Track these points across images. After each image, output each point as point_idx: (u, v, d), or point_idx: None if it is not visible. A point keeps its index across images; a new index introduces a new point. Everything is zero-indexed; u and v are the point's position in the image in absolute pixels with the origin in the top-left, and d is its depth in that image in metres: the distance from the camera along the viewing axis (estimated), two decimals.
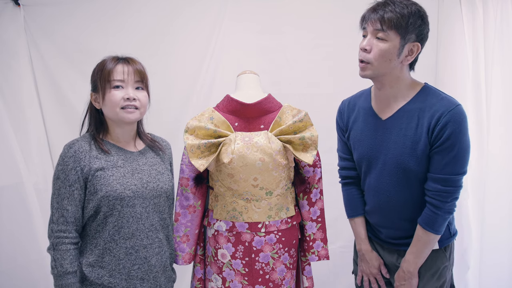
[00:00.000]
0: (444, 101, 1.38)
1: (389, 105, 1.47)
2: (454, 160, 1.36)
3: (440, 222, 1.41)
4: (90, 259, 1.38)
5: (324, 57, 2.40)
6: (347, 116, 1.61)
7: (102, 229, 1.37)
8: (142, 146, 1.52)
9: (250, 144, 1.46)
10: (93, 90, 1.44)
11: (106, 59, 1.42)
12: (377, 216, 1.57)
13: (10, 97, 2.27)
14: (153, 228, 1.44)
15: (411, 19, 1.34)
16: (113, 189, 1.35)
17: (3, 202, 2.23)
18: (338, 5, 2.39)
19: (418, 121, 1.40)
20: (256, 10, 2.39)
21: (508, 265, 2.29)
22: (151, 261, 1.43)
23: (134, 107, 1.40)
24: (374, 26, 1.36)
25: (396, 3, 1.35)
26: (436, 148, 1.37)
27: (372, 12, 1.37)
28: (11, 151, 2.22)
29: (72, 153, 1.36)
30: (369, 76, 1.42)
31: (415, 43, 1.38)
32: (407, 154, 1.41)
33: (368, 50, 1.38)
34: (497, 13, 2.24)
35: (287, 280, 1.59)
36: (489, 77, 2.26)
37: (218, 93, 1.72)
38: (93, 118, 1.46)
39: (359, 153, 1.56)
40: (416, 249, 1.45)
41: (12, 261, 2.26)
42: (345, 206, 1.67)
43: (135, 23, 2.35)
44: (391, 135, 1.45)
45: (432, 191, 1.41)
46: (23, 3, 2.29)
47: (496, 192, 2.26)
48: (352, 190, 1.65)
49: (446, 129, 1.34)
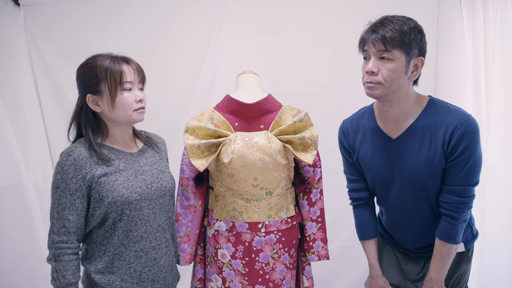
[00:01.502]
0: (455, 114, 1.37)
1: (397, 123, 1.44)
2: (469, 172, 1.36)
3: (458, 231, 1.42)
4: (99, 266, 1.35)
5: (324, 57, 2.40)
6: (352, 137, 1.57)
7: (111, 235, 1.35)
8: (141, 145, 1.50)
9: (250, 144, 1.46)
10: (94, 92, 1.34)
11: (100, 58, 1.34)
12: (402, 232, 1.58)
13: (10, 97, 2.28)
14: (160, 228, 1.43)
15: (413, 35, 1.33)
16: (119, 194, 1.32)
17: (3, 202, 2.24)
18: (339, 5, 2.39)
19: (431, 137, 1.38)
20: (256, 10, 2.39)
21: (508, 265, 2.29)
22: (160, 262, 1.42)
23: (143, 107, 1.39)
24: (377, 48, 1.32)
25: (394, 21, 1.33)
26: (452, 161, 1.36)
27: (372, 33, 1.34)
28: (11, 151, 2.23)
29: (72, 161, 1.30)
30: (378, 96, 1.38)
31: (419, 58, 1.37)
32: (424, 171, 1.40)
33: (376, 73, 1.33)
34: (497, 13, 2.24)
35: (287, 280, 1.59)
36: (489, 77, 2.26)
37: (218, 93, 1.72)
38: (88, 122, 1.38)
39: (372, 174, 1.54)
40: (441, 264, 1.45)
41: (12, 261, 2.26)
42: (357, 228, 1.66)
43: (135, 23, 2.35)
44: (404, 154, 1.43)
45: (448, 202, 1.41)
46: (23, 3, 2.29)
47: (496, 192, 2.27)
48: (363, 212, 1.63)
49: (462, 142, 1.33)
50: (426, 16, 2.38)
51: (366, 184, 1.61)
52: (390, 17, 1.35)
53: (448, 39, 2.32)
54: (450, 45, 2.31)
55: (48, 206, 1.94)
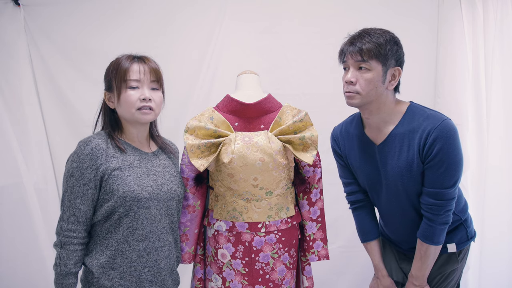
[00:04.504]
0: (430, 119, 1.40)
1: (380, 130, 1.49)
2: (443, 175, 1.39)
3: (437, 233, 1.44)
4: (101, 260, 1.35)
5: (324, 56, 2.39)
6: (342, 143, 1.63)
7: (115, 229, 1.35)
8: (155, 148, 1.51)
9: (250, 144, 1.46)
10: (107, 89, 1.41)
11: (120, 58, 1.39)
12: (395, 232, 1.62)
13: (10, 97, 2.28)
14: (165, 230, 1.43)
15: (388, 46, 1.38)
16: (130, 189, 1.33)
17: (3, 202, 2.24)
18: (339, 4, 2.39)
19: (409, 143, 1.42)
20: (256, 10, 2.39)
21: (508, 265, 2.29)
22: (160, 264, 1.42)
23: (149, 108, 1.37)
24: (355, 58, 1.39)
25: (371, 33, 1.39)
26: (427, 164, 1.40)
27: (350, 45, 1.41)
28: (11, 151, 2.23)
29: (89, 151, 1.32)
30: (356, 105, 1.44)
31: (395, 68, 1.42)
32: (405, 176, 1.44)
33: (354, 82, 1.40)
34: (497, 13, 2.24)
35: (287, 280, 1.59)
36: (489, 77, 2.26)
37: (218, 93, 1.72)
38: (107, 117, 1.43)
39: (362, 180, 1.59)
40: (421, 263, 1.48)
41: (12, 261, 2.26)
42: (358, 231, 1.68)
43: (134, 23, 2.35)
44: (387, 159, 1.47)
45: (425, 204, 1.44)
46: (23, 3, 2.29)
47: (496, 193, 2.27)
48: (363, 214, 1.66)
49: (435, 146, 1.36)
50: (426, 16, 2.39)
51: (361, 186, 1.63)
52: (368, 30, 1.42)
53: (448, 39, 2.32)
54: (450, 45, 2.31)
55: (48, 206, 1.95)
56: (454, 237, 1.53)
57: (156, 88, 1.41)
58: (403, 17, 2.34)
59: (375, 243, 1.63)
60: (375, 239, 1.63)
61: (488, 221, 2.28)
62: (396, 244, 1.64)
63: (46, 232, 2.27)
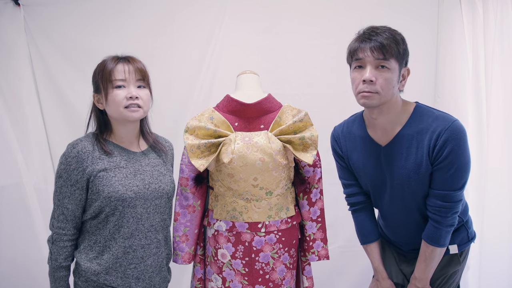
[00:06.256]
0: (439, 120, 1.38)
1: (386, 131, 1.46)
2: (453, 177, 1.37)
3: (443, 235, 1.43)
4: (90, 255, 1.40)
5: (324, 57, 2.40)
6: (344, 144, 1.60)
7: (103, 226, 1.39)
8: (145, 147, 1.52)
9: (250, 144, 1.46)
10: (95, 91, 1.43)
11: (106, 60, 1.42)
12: (396, 234, 1.60)
13: (10, 97, 2.27)
14: (153, 228, 1.45)
15: (403, 45, 1.35)
16: (115, 190, 1.36)
17: (3, 202, 2.24)
18: (340, 4, 2.39)
19: (418, 144, 1.39)
20: (256, 10, 2.38)
21: (507, 266, 2.29)
22: (147, 261, 1.44)
23: (137, 105, 1.39)
24: (376, 56, 1.31)
25: (386, 31, 1.33)
26: (436, 166, 1.38)
27: (368, 41, 1.32)
28: (11, 151, 2.22)
29: (75, 153, 1.36)
30: (374, 105, 1.38)
31: (406, 68, 1.39)
32: (412, 178, 1.41)
33: (374, 82, 1.33)
34: (497, 14, 2.24)
35: (287, 280, 1.59)
36: (489, 77, 2.26)
37: (218, 93, 1.72)
38: (96, 119, 1.46)
39: (365, 181, 1.57)
40: (425, 265, 1.47)
41: (11, 261, 2.26)
42: (357, 233, 1.67)
43: (135, 23, 2.35)
44: (393, 161, 1.45)
45: (433, 206, 1.42)
46: (23, 3, 2.29)
47: (496, 193, 2.27)
48: (362, 216, 1.64)
49: (446, 147, 1.34)
50: (426, 16, 2.39)
51: (361, 188, 1.62)
52: (377, 27, 1.35)
53: (448, 39, 2.32)
54: (450, 45, 2.31)
55: (48, 206, 1.94)
56: (455, 238, 1.52)
57: (143, 86, 1.42)
58: (403, 17, 2.34)
59: (375, 245, 1.62)
60: (375, 241, 1.63)
61: (488, 221, 2.28)
62: (396, 245, 1.63)
63: (46, 232, 2.25)
